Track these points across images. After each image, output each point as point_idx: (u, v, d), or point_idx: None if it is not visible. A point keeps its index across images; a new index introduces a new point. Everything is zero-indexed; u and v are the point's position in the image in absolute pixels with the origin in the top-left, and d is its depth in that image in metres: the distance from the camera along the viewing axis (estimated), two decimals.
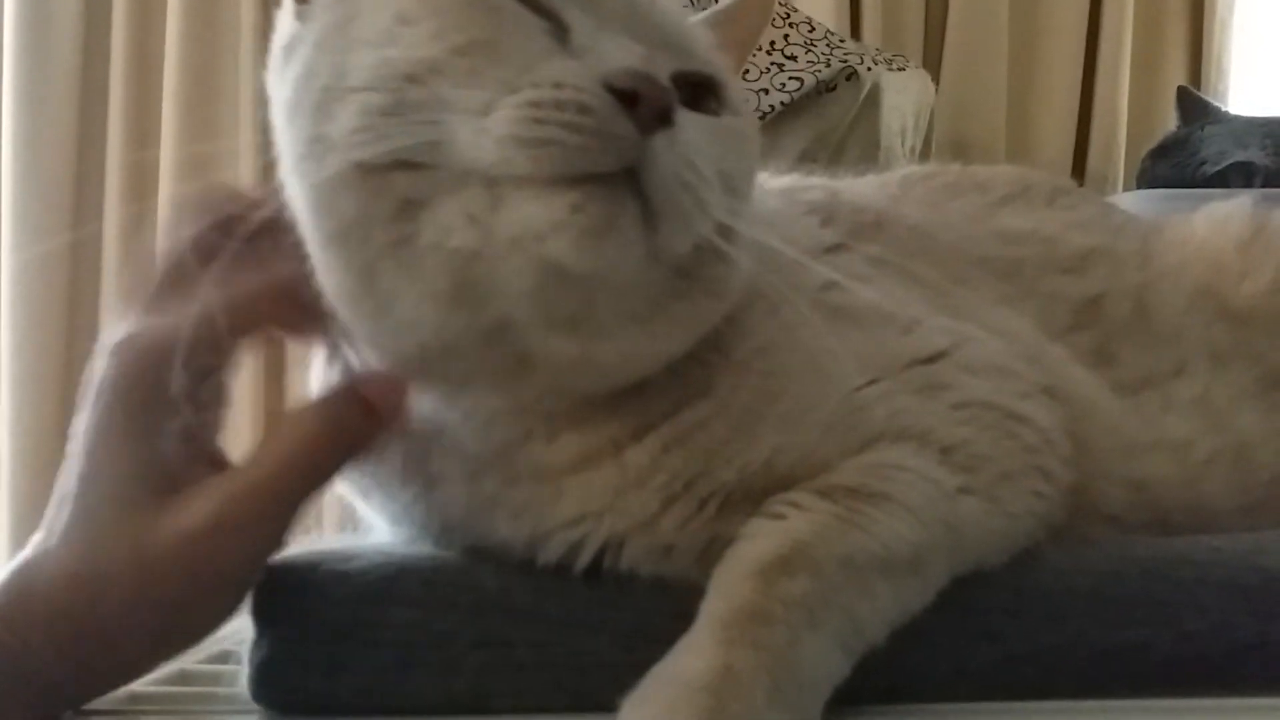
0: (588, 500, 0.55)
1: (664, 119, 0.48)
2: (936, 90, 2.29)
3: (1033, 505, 0.59)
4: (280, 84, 0.54)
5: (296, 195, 0.52)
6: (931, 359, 0.62)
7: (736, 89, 0.59)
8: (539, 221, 0.46)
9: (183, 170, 2.25)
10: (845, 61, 1.96)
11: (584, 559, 0.56)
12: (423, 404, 0.55)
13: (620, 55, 0.50)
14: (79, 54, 2.36)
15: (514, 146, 0.46)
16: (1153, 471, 0.68)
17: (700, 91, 0.55)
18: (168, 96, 2.30)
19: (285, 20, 0.56)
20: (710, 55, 0.59)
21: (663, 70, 0.51)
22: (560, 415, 0.55)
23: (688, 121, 0.51)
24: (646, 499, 0.55)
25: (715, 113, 0.56)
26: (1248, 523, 0.69)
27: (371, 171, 0.48)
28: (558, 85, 0.47)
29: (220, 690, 0.59)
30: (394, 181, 0.48)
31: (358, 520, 0.65)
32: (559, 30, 0.52)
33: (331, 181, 0.49)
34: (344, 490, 0.63)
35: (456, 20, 0.50)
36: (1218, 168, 1.90)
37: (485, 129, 0.47)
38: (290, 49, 0.54)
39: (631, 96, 0.47)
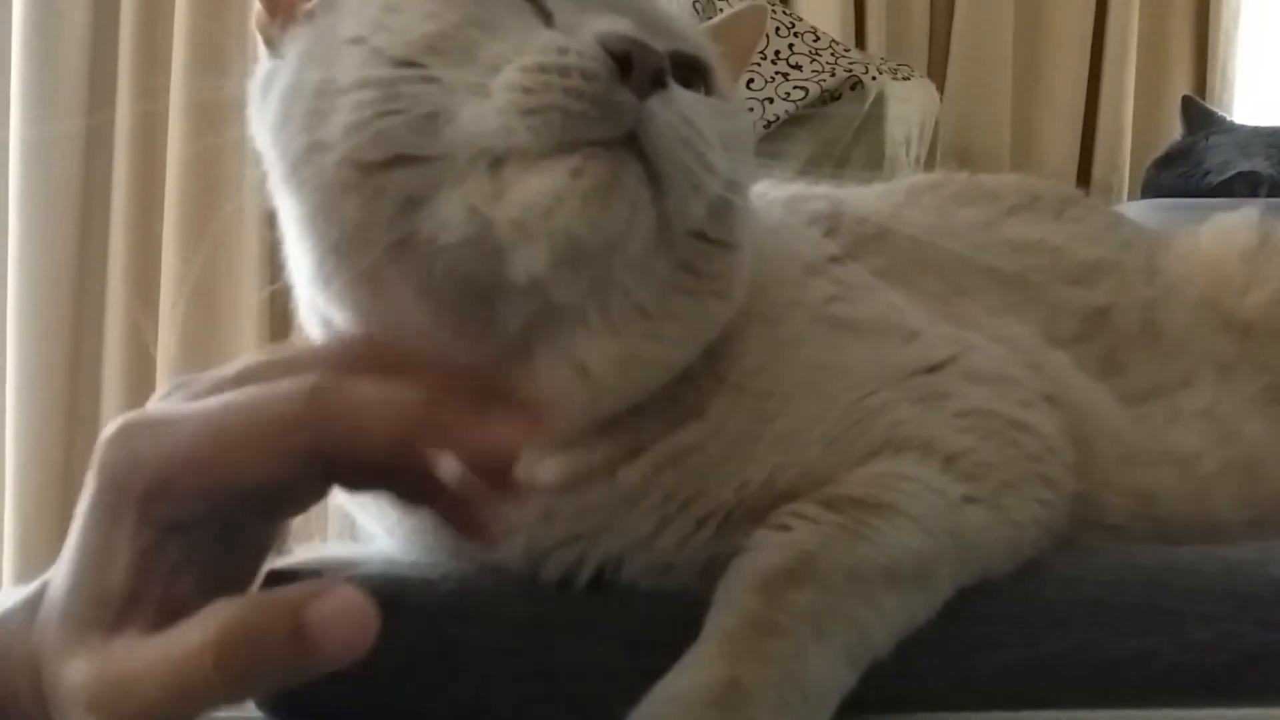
0: (581, 520, 0.55)
1: (658, 80, 0.48)
2: (941, 99, 2.29)
3: (1037, 513, 0.59)
4: (262, 112, 0.54)
5: (291, 209, 0.52)
6: (933, 368, 0.62)
7: (725, 78, 0.59)
8: (542, 196, 0.46)
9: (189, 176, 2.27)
10: (850, 71, 1.96)
11: (584, 577, 0.56)
12: None
13: (609, 25, 0.50)
14: (86, 55, 2.37)
15: (516, 115, 0.46)
16: (1158, 482, 0.67)
17: (690, 75, 0.56)
18: (175, 89, 2.31)
19: (261, 62, 0.57)
20: (698, 39, 0.59)
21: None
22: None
23: (682, 92, 0.51)
24: (640, 518, 0.55)
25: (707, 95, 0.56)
26: (1255, 536, 0.68)
27: (371, 170, 0.48)
28: (562, 50, 0.47)
29: None
30: (394, 179, 0.48)
31: (358, 530, 0.65)
32: (543, 15, 0.52)
33: (331, 185, 0.49)
34: (342, 500, 0.62)
35: (447, 1, 0.50)
36: (1223, 177, 1.90)
37: (488, 98, 0.47)
38: (268, 81, 0.54)
39: (624, 60, 0.47)
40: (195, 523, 0.43)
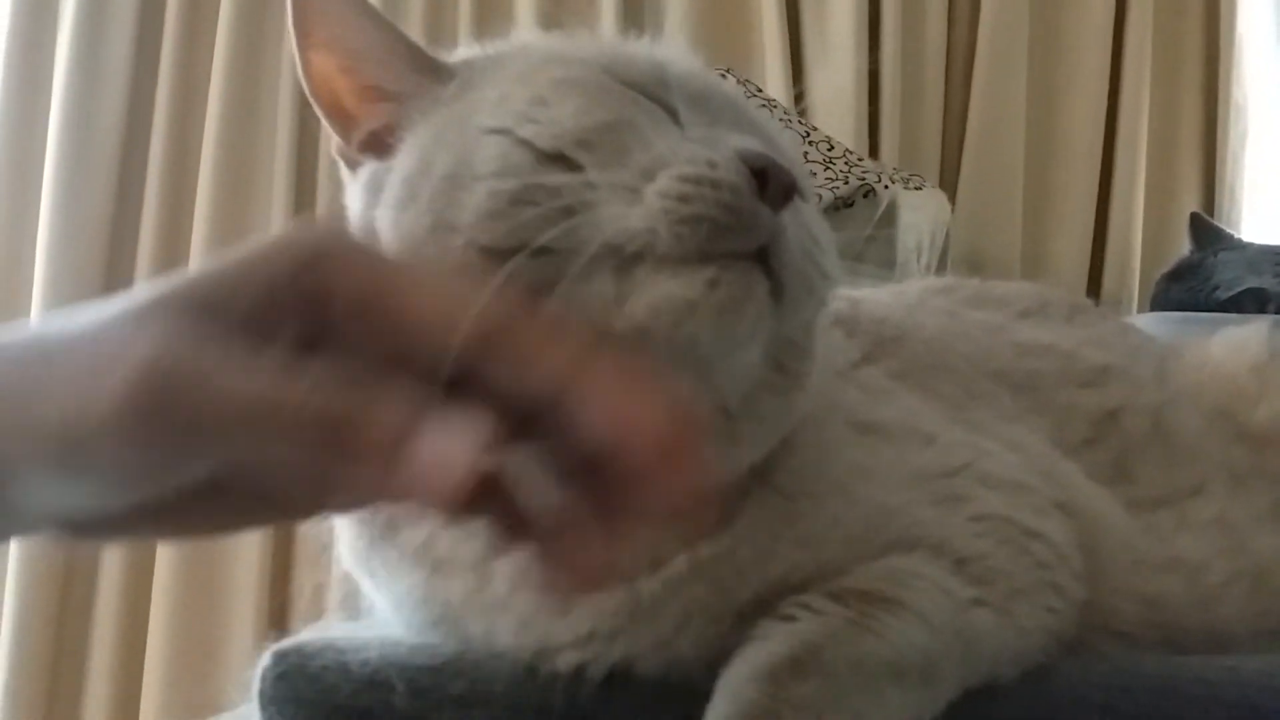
0: (599, 620, 0.54)
1: (789, 196, 0.49)
2: (953, 210, 2.31)
3: (1046, 621, 0.59)
4: (369, 206, 0.53)
5: None
6: (950, 472, 0.62)
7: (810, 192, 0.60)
8: (674, 301, 0.46)
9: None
10: (863, 179, 1.99)
11: (595, 675, 0.55)
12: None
13: (745, 143, 0.50)
14: (122, 109, 2.42)
15: (666, 221, 0.46)
16: (1166, 589, 0.67)
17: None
18: (205, 162, 2.36)
19: (352, 184, 0.56)
20: (799, 158, 0.60)
21: None
22: None
23: (802, 204, 0.52)
24: (660, 625, 0.55)
25: None
26: (1265, 649, 0.68)
27: (497, 256, 0.47)
28: (712, 164, 0.48)
29: None
30: (519, 267, 0.46)
31: (358, 605, 0.64)
32: (679, 124, 0.52)
33: (455, 266, 0.48)
34: (349, 568, 0.62)
35: (599, 100, 0.51)
36: (1231, 293, 1.91)
37: (639, 202, 0.47)
38: (374, 181, 0.54)
39: (761, 175, 0.48)
40: (322, 338, 0.36)
